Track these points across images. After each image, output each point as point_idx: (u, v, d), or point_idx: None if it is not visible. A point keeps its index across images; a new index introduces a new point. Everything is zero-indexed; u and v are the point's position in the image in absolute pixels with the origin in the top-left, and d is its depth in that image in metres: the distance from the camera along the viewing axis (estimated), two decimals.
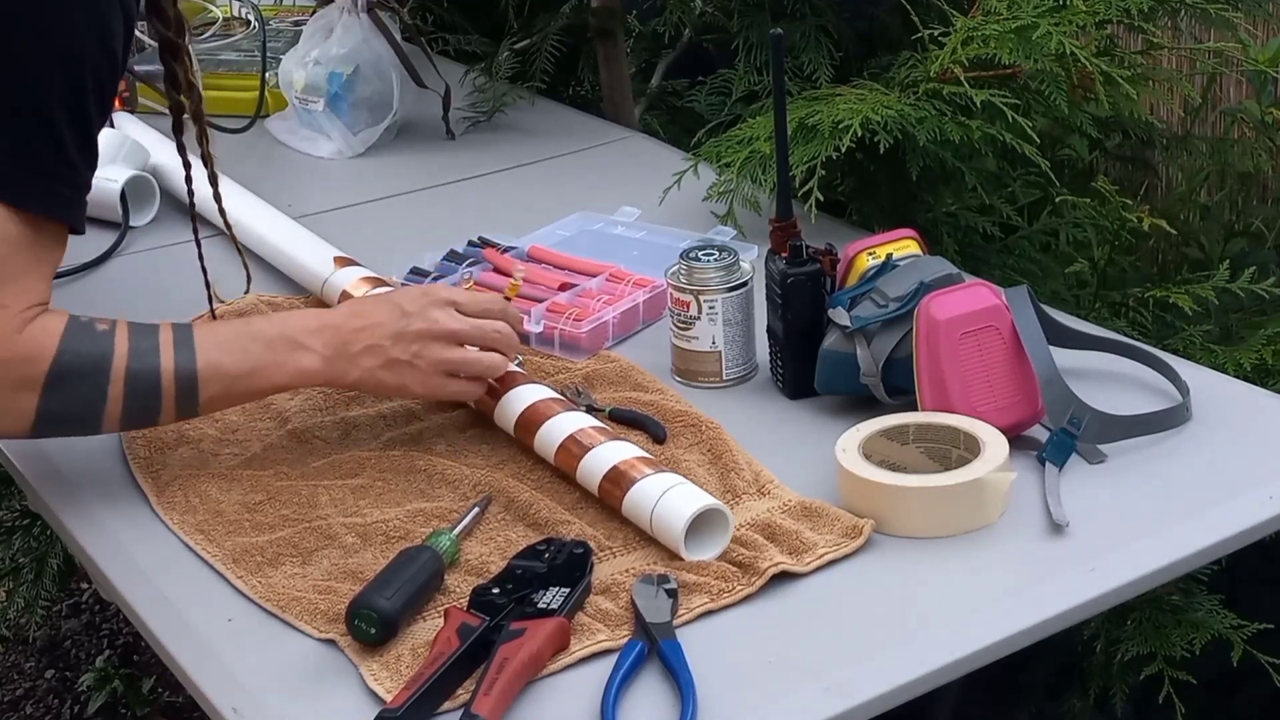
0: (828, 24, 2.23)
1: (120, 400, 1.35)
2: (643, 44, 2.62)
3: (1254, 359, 1.89)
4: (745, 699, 1.16)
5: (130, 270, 1.94)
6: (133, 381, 1.35)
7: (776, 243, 1.53)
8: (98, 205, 2.01)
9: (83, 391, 1.34)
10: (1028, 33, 1.78)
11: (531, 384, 1.49)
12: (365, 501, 1.41)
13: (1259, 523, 1.34)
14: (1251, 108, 2.39)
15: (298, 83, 2.29)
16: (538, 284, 1.75)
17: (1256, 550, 1.37)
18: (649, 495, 1.32)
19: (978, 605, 1.25)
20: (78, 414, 1.35)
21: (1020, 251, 2.15)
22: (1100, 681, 1.95)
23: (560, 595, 1.24)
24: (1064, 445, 1.39)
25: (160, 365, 1.36)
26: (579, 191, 2.08)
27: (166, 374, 1.36)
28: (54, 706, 2.87)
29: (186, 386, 1.37)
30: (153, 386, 1.36)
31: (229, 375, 1.39)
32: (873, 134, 1.77)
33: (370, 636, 1.21)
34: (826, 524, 1.33)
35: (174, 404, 1.38)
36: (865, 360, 1.46)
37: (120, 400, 1.35)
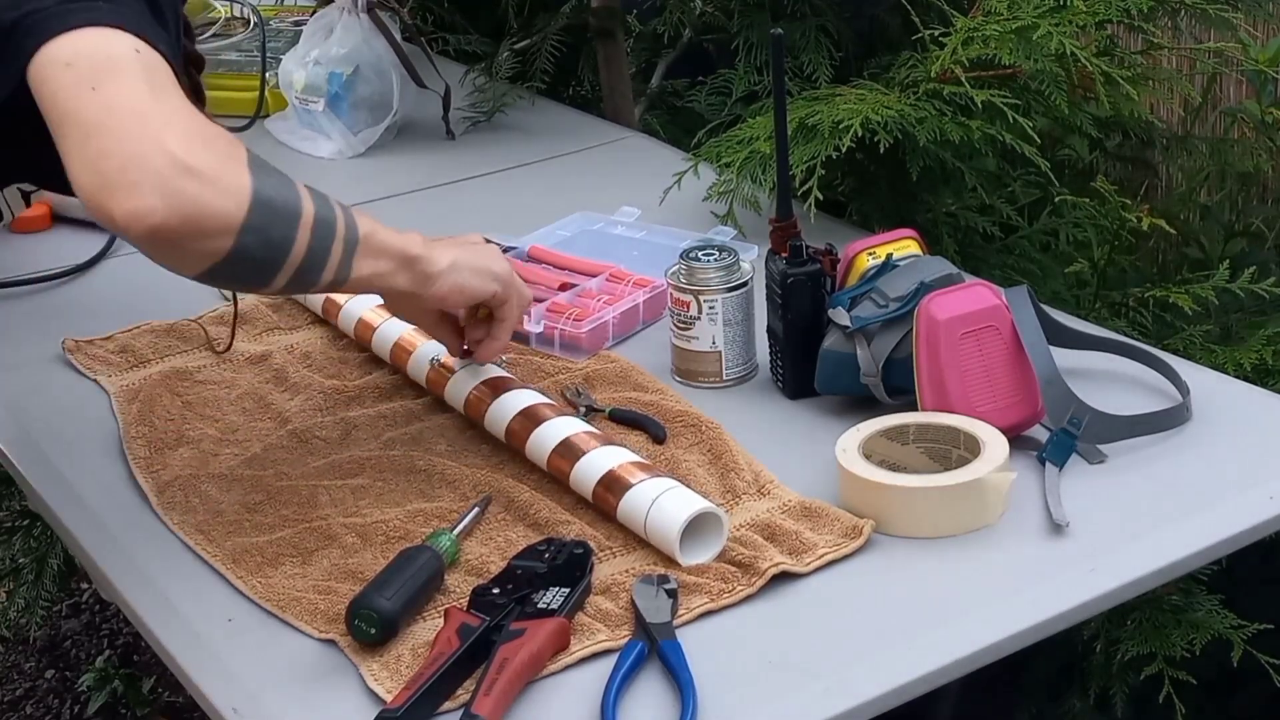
0: (828, 24, 2.23)
1: (311, 210, 1.26)
2: (643, 44, 2.62)
3: (1254, 359, 1.89)
4: (745, 699, 1.16)
5: (122, 273, 1.94)
6: (316, 200, 1.28)
7: (776, 243, 1.53)
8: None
9: (281, 184, 1.25)
10: (1028, 33, 1.78)
11: (521, 389, 1.49)
12: (365, 501, 1.41)
13: (1259, 523, 1.34)
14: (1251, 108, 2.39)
15: (298, 83, 2.29)
16: (538, 284, 1.75)
17: (1256, 550, 1.37)
18: (640, 505, 1.32)
19: (978, 605, 1.25)
20: (284, 207, 1.24)
21: (1020, 251, 2.15)
22: (1100, 681, 1.95)
23: (560, 595, 1.24)
24: (1064, 445, 1.39)
25: (333, 206, 1.30)
26: (579, 191, 2.08)
27: (337, 209, 1.30)
28: (54, 706, 2.87)
29: (349, 221, 1.31)
30: (330, 210, 1.29)
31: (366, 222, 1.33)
32: (873, 134, 1.77)
33: (370, 636, 1.21)
34: (826, 524, 1.33)
35: (342, 240, 1.29)
36: (865, 360, 1.46)
37: (311, 210, 1.26)
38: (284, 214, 1.24)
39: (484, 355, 1.50)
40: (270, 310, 1.77)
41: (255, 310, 1.77)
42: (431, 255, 1.39)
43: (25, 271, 1.92)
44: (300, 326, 1.74)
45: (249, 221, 1.20)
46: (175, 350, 1.70)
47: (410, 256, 1.37)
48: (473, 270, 1.42)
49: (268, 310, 1.77)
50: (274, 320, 1.75)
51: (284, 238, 1.24)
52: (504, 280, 1.45)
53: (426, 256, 1.38)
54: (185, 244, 1.19)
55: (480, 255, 1.45)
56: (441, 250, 1.41)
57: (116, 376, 1.65)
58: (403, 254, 1.36)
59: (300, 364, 1.66)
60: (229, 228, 1.20)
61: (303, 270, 1.27)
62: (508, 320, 1.47)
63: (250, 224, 1.20)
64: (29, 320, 1.83)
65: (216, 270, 1.22)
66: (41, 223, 2.06)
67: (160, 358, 1.68)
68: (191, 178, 1.17)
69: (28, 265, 1.93)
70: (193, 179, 1.17)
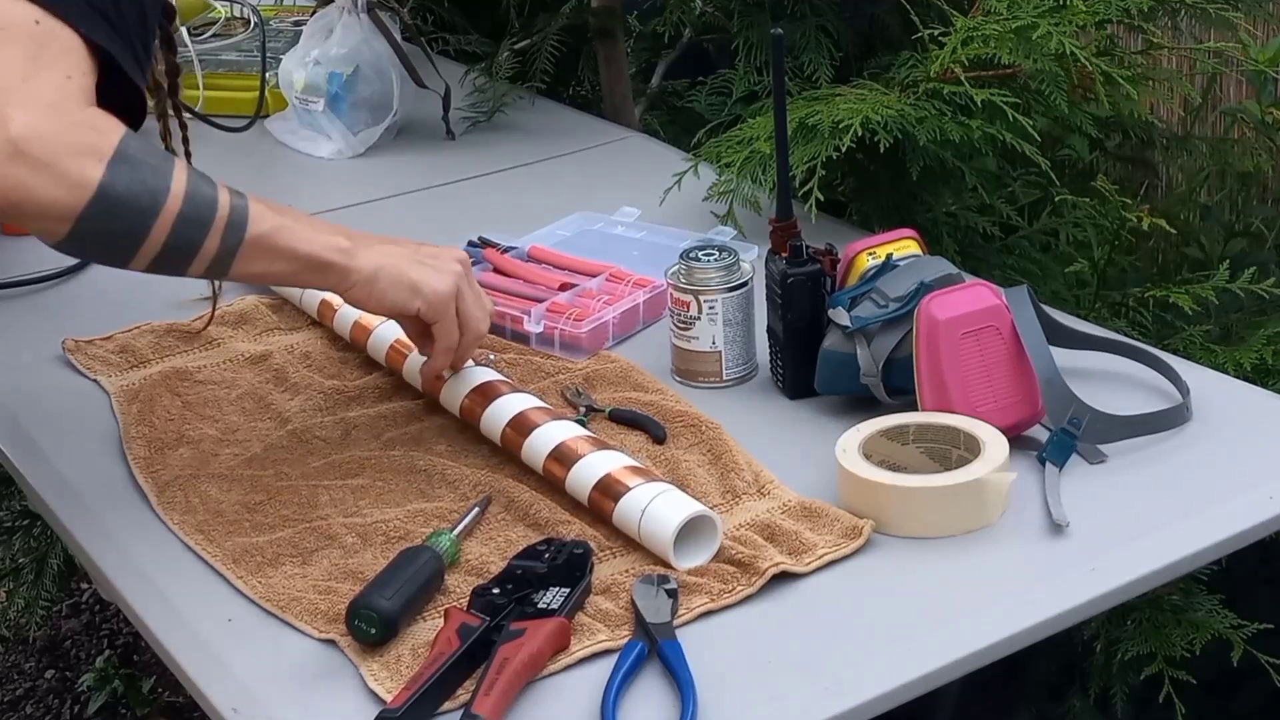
0: (828, 24, 2.23)
1: (178, 206, 1.27)
2: (643, 44, 2.62)
3: (1254, 359, 1.89)
4: (745, 699, 1.16)
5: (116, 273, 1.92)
6: (190, 198, 1.28)
7: (776, 243, 1.53)
8: None
9: (146, 178, 1.26)
10: (1028, 33, 1.78)
11: (514, 393, 1.48)
12: (365, 502, 1.41)
13: (1259, 523, 1.34)
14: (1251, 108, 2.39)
15: (298, 83, 2.29)
16: (538, 284, 1.75)
17: (1256, 550, 1.37)
18: (634, 511, 1.32)
19: (978, 605, 1.25)
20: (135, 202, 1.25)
21: (1020, 251, 2.15)
22: (1100, 681, 1.95)
23: (560, 595, 1.24)
24: (1064, 445, 1.39)
25: (216, 194, 1.31)
26: (579, 191, 2.08)
27: (222, 202, 1.30)
28: (54, 706, 2.87)
29: (238, 218, 1.31)
30: (208, 206, 1.29)
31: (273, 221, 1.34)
32: (873, 134, 1.76)
33: (370, 637, 1.21)
34: (826, 524, 1.33)
35: (220, 236, 1.29)
36: (865, 360, 1.46)
37: (178, 206, 1.27)
38: (133, 210, 1.26)
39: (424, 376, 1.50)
40: (270, 311, 1.77)
41: (255, 311, 1.77)
42: (351, 262, 1.38)
43: (20, 273, 1.92)
44: (300, 327, 1.74)
45: (87, 212, 1.23)
46: (175, 350, 1.70)
47: (322, 261, 1.36)
48: (395, 282, 1.40)
49: (268, 311, 1.77)
50: (274, 320, 1.75)
51: (131, 231, 1.26)
52: (430, 300, 1.41)
53: (343, 265, 1.37)
54: (19, 221, 1.23)
55: (415, 269, 1.41)
56: (373, 254, 1.39)
57: (116, 376, 1.65)
58: (310, 258, 1.36)
59: (300, 364, 1.66)
60: (62, 216, 1.23)
61: (162, 261, 1.30)
62: (441, 343, 1.44)
63: (88, 214, 1.23)
64: (28, 321, 1.83)
65: (62, 249, 1.27)
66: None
67: (160, 358, 1.68)
68: (24, 164, 1.20)
69: (23, 266, 1.93)
70: (25, 165, 1.20)
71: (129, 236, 1.26)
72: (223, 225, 1.30)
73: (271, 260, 1.34)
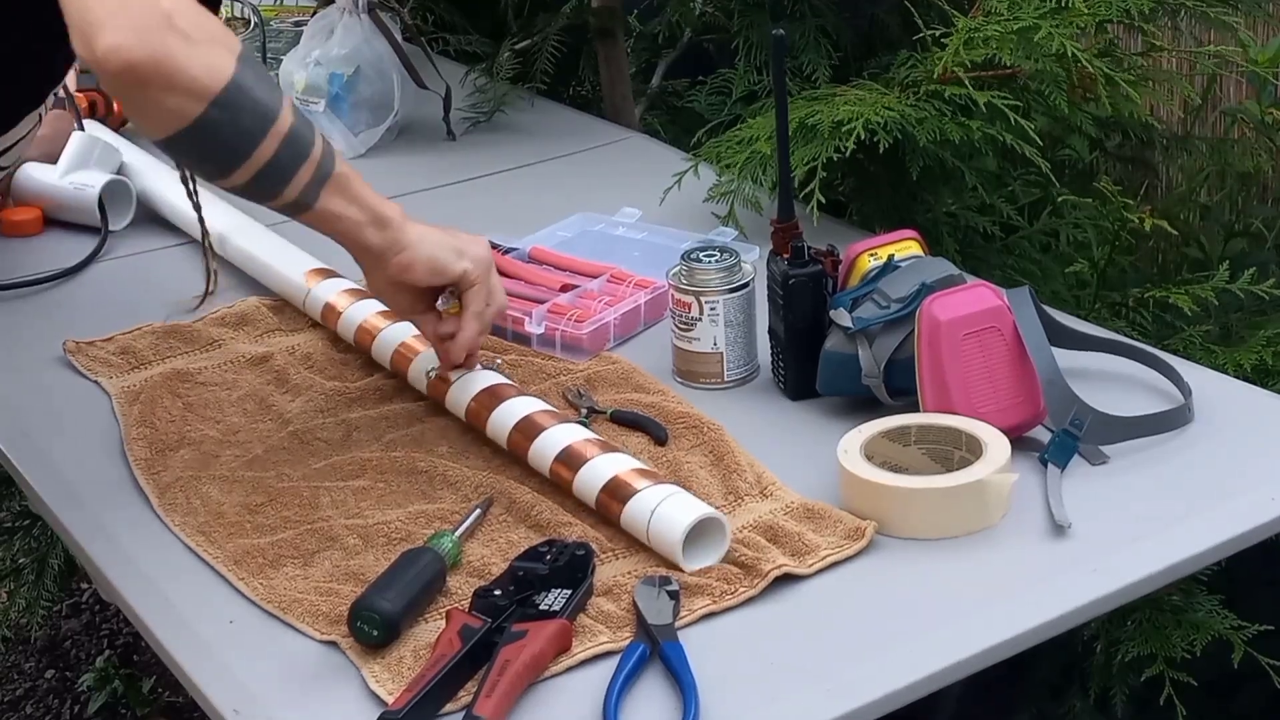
0: (827, 24, 2.23)
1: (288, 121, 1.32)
2: (643, 44, 2.62)
3: (1254, 359, 1.89)
4: (747, 701, 1.16)
5: (114, 275, 1.94)
6: (296, 122, 1.34)
7: (778, 244, 1.53)
8: (76, 211, 2.02)
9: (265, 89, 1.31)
10: (1029, 34, 1.78)
11: (520, 396, 1.48)
12: (367, 503, 1.41)
13: (1260, 524, 1.34)
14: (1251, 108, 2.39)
15: (298, 83, 2.29)
16: (539, 285, 1.75)
17: (1257, 551, 1.37)
18: (642, 512, 1.32)
19: (980, 607, 1.25)
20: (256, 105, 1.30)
21: (1020, 252, 2.15)
22: (1101, 682, 1.95)
23: (562, 597, 1.24)
24: (1066, 446, 1.39)
25: (314, 131, 1.37)
26: (580, 192, 2.08)
27: (317, 138, 1.37)
28: (54, 706, 2.87)
29: (329, 151, 1.38)
30: (310, 132, 1.36)
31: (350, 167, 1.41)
32: (873, 134, 1.76)
33: (372, 638, 1.21)
34: (829, 526, 1.33)
35: (315, 165, 1.36)
36: (867, 361, 1.46)
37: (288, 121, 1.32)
38: (257, 109, 1.30)
39: (454, 352, 1.50)
40: (271, 312, 1.77)
41: (256, 312, 1.77)
42: (405, 225, 1.44)
43: (21, 273, 1.92)
44: (301, 328, 1.74)
45: (221, 97, 1.27)
46: (176, 352, 1.70)
47: (384, 217, 1.43)
48: (442, 245, 1.46)
49: (269, 312, 1.77)
50: (275, 322, 1.75)
51: (253, 130, 1.30)
52: (475, 260, 1.47)
53: (400, 224, 1.44)
54: (154, 95, 1.25)
55: (458, 237, 1.48)
56: (417, 226, 1.46)
57: (117, 378, 1.65)
58: (377, 211, 1.42)
59: (301, 365, 1.66)
60: (200, 93, 1.26)
61: (266, 174, 1.33)
62: (472, 308, 1.48)
63: (221, 100, 1.27)
64: (29, 321, 1.83)
65: (181, 139, 1.29)
66: (33, 226, 2.06)
67: (161, 359, 1.68)
68: (175, 35, 1.24)
69: (23, 267, 1.93)
70: (176, 36, 1.24)
71: (247, 137, 1.31)
72: (319, 155, 1.36)
73: (348, 203, 1.40)
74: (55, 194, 2.05)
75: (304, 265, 1.77)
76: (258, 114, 1.30)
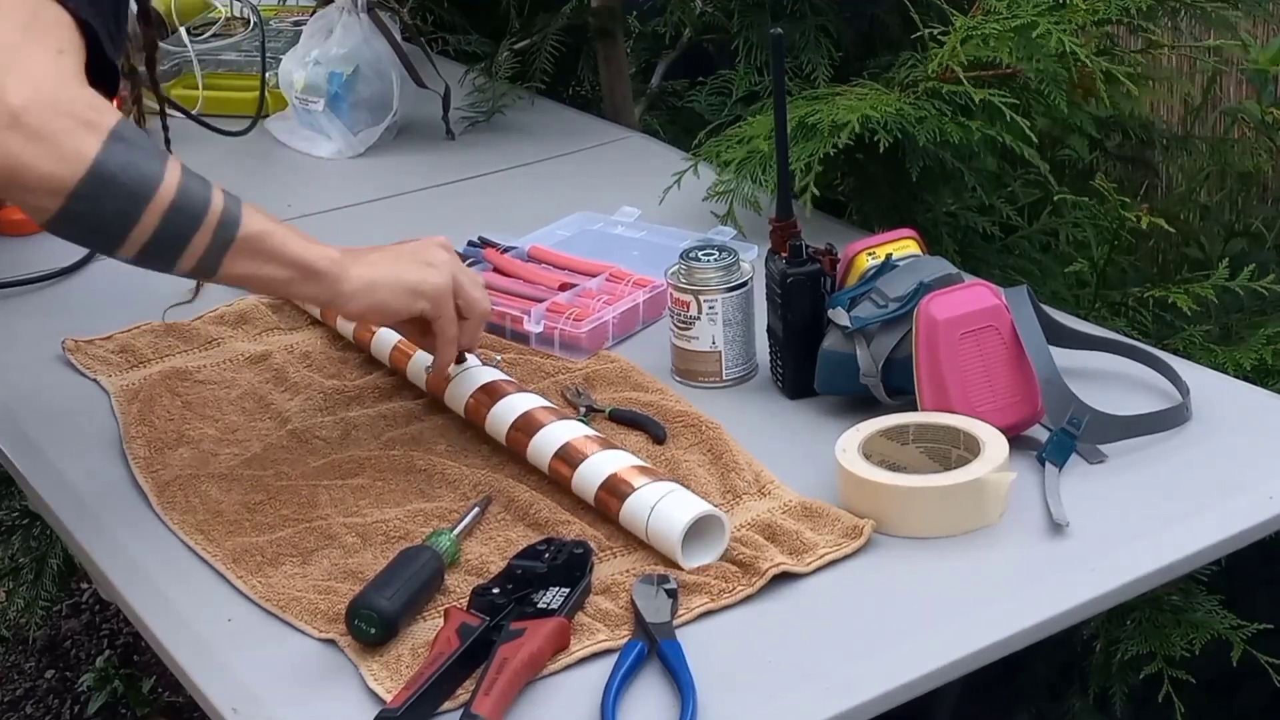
0: (828, 24, 2.23)
1: (171, 193, 1.25)
2: (643, 44, 2.62)
3: (1254, 359, 1.89)
4: (745, 699, 1.16)
5: (113, 273, 1.93)
6: (184, 189, 1.26)
7: (776, 242, 1.53)
8: None
9: (141, 162, 1.24)
10: (1027, 32, 1.78)
11: (519, 393, 1.49)
12: (365, 501, 1.41)
13: (1259, 523, 1.34)
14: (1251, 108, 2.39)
15: (298, 83, 2.29)
16: (538, 284, 1.75)
17: (1256, 550, 1.37)
18: (641, 510, 1.32)
19: (978, 605, 1.25)
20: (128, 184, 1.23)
21: (1020, 251, 2.15)
22: (1100, 681, 1.95)
23: (560, 595, 1.24)
24: (1064, 445, 1.39)
25: (210, 189, 1.29)
26: (579, 191, 2.08)
27: (215, 197, 1.29)
28: (54, 706, 2.87)
29: (230, 215, 1.29)
30: (202, 198, 1.28)
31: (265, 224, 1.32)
32: (872, 133, 1.76)
33: (370, 636, 1.21)
34: (827, 524, 1.33)
35: (212, 231, 1.28)
36: (865, 360, 1.46)
37: (171, 193, 1.25)
38: (127, 189, 1.24)
39: (435, 374, 1.49)
40: (270, 311, 1.77)
41: (255, 310, 1.77)
42: (345, 274, 1.36)
43: (20, 273, 1.92)
44: (300, 327, 1.74)
45: (78, 189, 1.22)
46: (175, 350, 1.70)
47: (312, 270, 1.34)
48: (393, 289, 1.39)
49: (267, 311, 1.77)
50: (274, 320, 1.75)
51: (124, 213, 1.25)
52: (432, 298, 1.41)
53: (336, 274, 1.35)
54: (7, 194, 1.22)
55: (409, 271, 1.40)
56: (362, 268, 1.38)
57: (116, 376, 1.65)
58: (302, 265, 1.34)
59: (300, 364, 1.66)
60: (54, 190, 1.22)
61: (152, 249, 1.27)
62: (443, 337, 1.44)
63: (79, 192, 1.22)
64: (28, 321, 1.83)
65: (51, 228, 1.25)
66: (33, 225, 2.05)
67: (160, 358, 1.68)
68: (19, 134, 1.19)
69: (23, 266, 1.93)
70: (20, 135, 1.19)
71: (121, 219, 1.25)
72: (215, 220, 1.28)
73: (262, 263, 1.32)
74: None
75: None
76: (128, 195, 1.23)
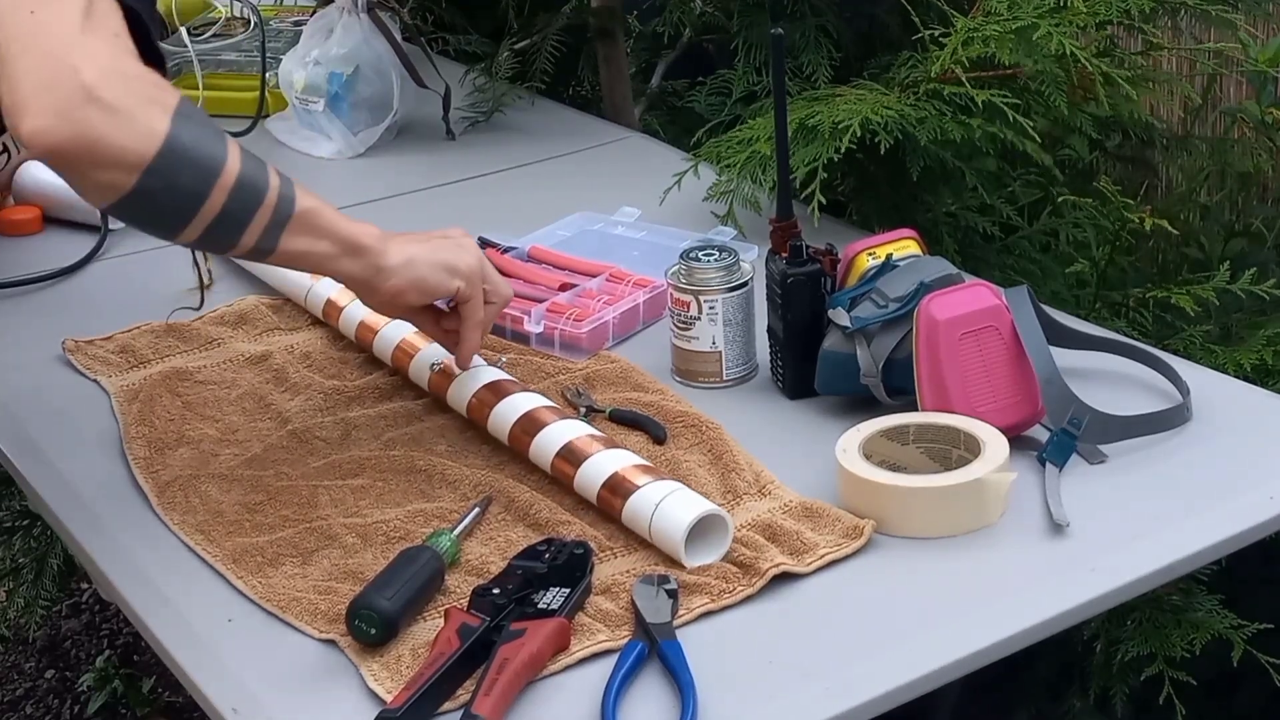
0: (828, 24, 2.23)
1: (236, 170, 1.27)
2: (643, 44, 2.62)
3: (1254, 359, 1.89)
4: (745, 699, 1.16)
5: (113, 273, 1.94)
6: (245, 167, 1.29)
7: (777, 243, 1.53)
8: (77, 209, 2.02)
9: (207, 139, 1.27)
10: (1028, 33, 1.78)
11: (523, 392, 1.49)
12: (365, 502, 1.41)
13: (1259, 523, 1.34)
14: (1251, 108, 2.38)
15: (298, 83, 2.29)
16: (538, 284, 1.75)
17: (1257, 550, 1.37)
18: (645, 508, 1.32)
19: (978, 605, 1.25)
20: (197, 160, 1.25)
21: (1020, 251, 2.15)
22: (1100, 682, 1.95)
23: (560, 595, 1.24)
24: (1064, 445, 1.39)
25: (266, 168, 1.32)
26: (579, 191, 2.08)
27: (272, 175, 1.32)
28: (54, 706, 2.87)
29: (287, 191, 1.32)
30: (262, 176, 1.31)
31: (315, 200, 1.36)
32: (873, 134, 1.76)
33: (370, 637, 1.21)
34: (827, 524, 1.33)
35: (272, 208, 1.31)
36: (865, 361, 1.46)
37: (236, 170, 1.27)
38: (198, 167, 1.26)
39: (460, 360, 1.50)
40: (270, 311, 1.77)
41: (255, 310, 1.77)
42: (386, 249, 1.40)
43: (20, 273, 1.92)
44: (301, 327, 1.74)
45: (154, 165, 1.23)
46: (175, 350, 1.70)
47: (358, 245, 1.38)
48: (431, 265, 1.42)
49: (268, 311, 1.77)
50: (274, 321, 1.75)
51: (195, 190, 1.26)
52: (467, 277, 1.44)
53: (379, 249, 1.39)
54: (85, 171, 1.23)
55: (444, 250, 1.44)
56: (400, 245, 1.41)
57: (117, 377, 1.65)
58: (349, 240, 1.37)
59: (300, 364, 1.66)
60: (131, 164, 1.23)
61: (217, 228, 1.29)
62: (472, 319, 1.46)
63: (156, 168, 1.23)
64: (28, 321, 1.83)
65: (121, 209, 1.26)
66: (33, 225, 2.06)
67: (160, 358, 1.68)
68: (98, 108, 1.20)
69: (23, 266, 1.93)
70: (98, 109, 1.20)
71: (191, 197, 1.26)
72: (275, 197, 1.31)
73: (315, 239, 1.35)
74: (56, 192, 2.05)
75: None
76: (198, 172, 1.26)
